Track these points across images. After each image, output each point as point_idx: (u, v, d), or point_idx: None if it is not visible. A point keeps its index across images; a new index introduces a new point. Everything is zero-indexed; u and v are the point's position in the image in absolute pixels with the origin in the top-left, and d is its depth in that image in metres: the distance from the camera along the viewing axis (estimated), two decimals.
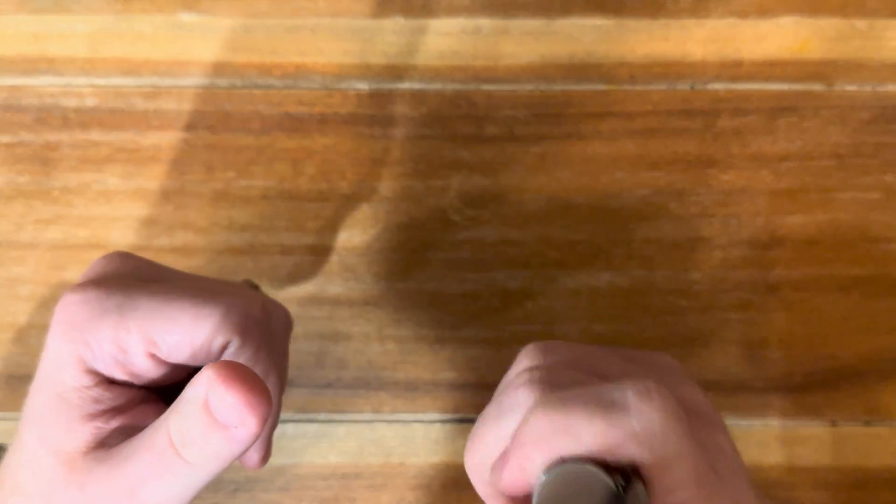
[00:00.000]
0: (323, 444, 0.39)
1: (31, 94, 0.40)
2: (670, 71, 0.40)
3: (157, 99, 0.40)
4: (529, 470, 0.23)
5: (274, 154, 0.40)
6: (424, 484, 0.39)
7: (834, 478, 0.39)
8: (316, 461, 0.39)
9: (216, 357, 0.27)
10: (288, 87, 0.40)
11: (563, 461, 0.22)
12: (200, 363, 0.27)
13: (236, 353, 0.27)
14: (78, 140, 0.40)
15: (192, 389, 0.23)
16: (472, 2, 0.40)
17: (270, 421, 0.30)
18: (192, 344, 0.27)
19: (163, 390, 0.29)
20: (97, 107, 0.40)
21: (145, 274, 0.29)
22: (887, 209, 0.40)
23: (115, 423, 0.27)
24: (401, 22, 0.40)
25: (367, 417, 0.39)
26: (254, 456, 0.31)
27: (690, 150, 0.40)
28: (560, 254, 0.39)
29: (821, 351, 0.39)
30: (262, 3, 0.40)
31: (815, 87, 0.40)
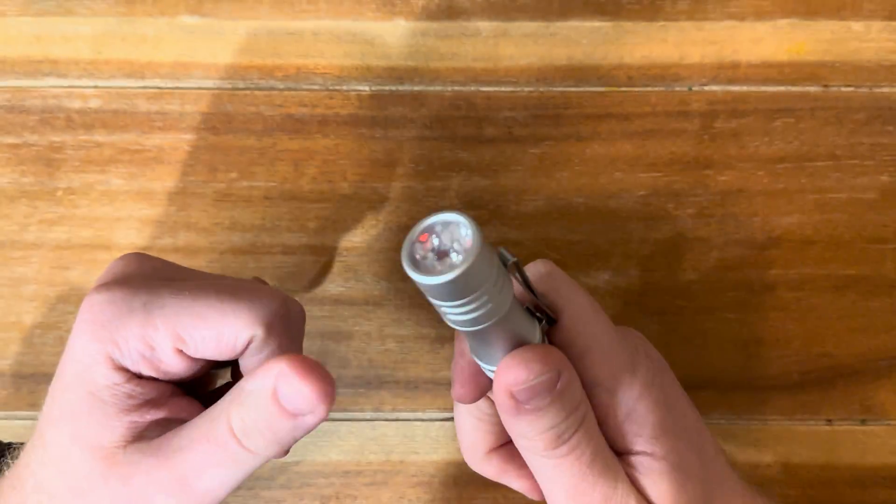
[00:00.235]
0: (324, 441, 0.39)
1: (35, 96, 0.40)
2: (668, 73, 0.40)
3: (161, 100, 0.40)
4: (467, 352, 0.27)
5: (276, 155, 0.40)
6: (425, 481, 0.39)
7: (830, 476, 0.39)
8: (317, 459, 0.39)
9: (241, 352, 0.28)
10: (290, 89, 0.40)
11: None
12: (226, 358, 0.28)
13: (260, 347, 0.28)
14: (82, 141, 0.40)
15: (257, 381, 0.25)
16: (471, 4, 0.41)
17: None
18: (219, 339, 0.27)
19: (185, 385, 0.30)
20: (101, 108, 0.40)
21: (165, 273, 0.29)
22: (883, 209, 0.40)
23: (150, 417, 0.27)
24: (401, 24, 0.40)
25: (367, 416, 0.39)
26: None
27: (688, 151, 0.40)
28: (559, 254, 0.40)
29: (817, 350, 0.39)
30: (264, 5, 0.40)
31: (812, 88, 0.41)
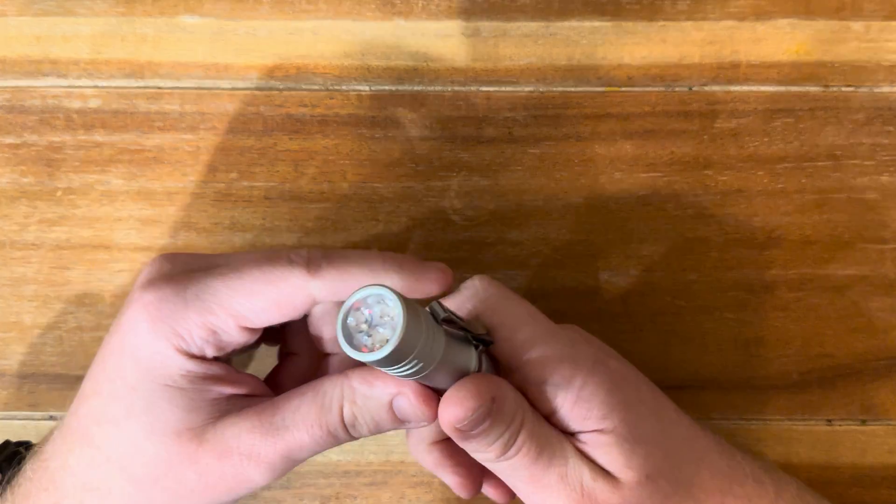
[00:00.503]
0: None
1: (35, 96, 0.40)
2: (668, 73, 0.40)
3: (160, 100, 0.40)
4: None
5: (276, 155, 0.40)
6: (424, 482, 0.39)
7: (830, 476, 0.39)
8: (317, 459, 0.39)
9: (304, 308, 0.30)
10: (289, 89, 0.40)
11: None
12: (291, 318, 0.31)
13: (328, 290, 0.30)
14: (81, 141, 0.40)
15: (375, 390, 0.29)
16: (471, 4, 0.41)
17: None
18: (279, 304, 0.30)
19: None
20: (100, 108, 0.40)
21: (197, 264, 0.31)
22: (883, 210, 0.40)
23: (227, 392, 0.30)
24: (401, 24, 0.40)
25: None
26: None
27: (688, 152, 0.40)
28: (559, 254, 0.40)
29: (817, 350, 0.40)
30: (264, 5, 0.40)
31: (812, 88, 0.41)
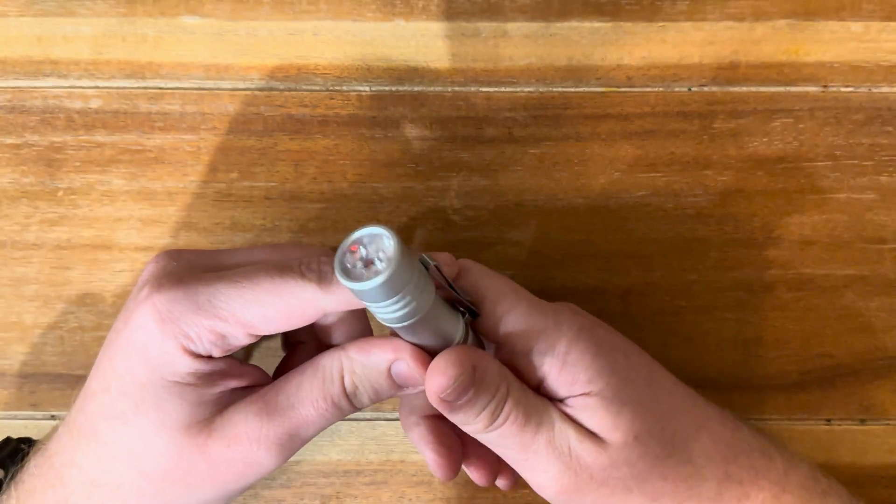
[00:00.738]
0: (324, 441, 0.39)
1: (36, 96, 0.40)
2: (667, 73, 0.40)
3: (161, 101, 0.40)
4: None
5: (276, 155, 0.40)
6: (425, 481, 0.39)
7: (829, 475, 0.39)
8: (317, 458, 0.39)
9: (314, 317, 0.30)
10: (290, 90, 0.40)
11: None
12: (300, 326, 0.31)
13: (331, 303, 0.30)
14: (82, 141, 0.40)
15: (372, 357, 0.30)
16: (471, 5, 0.41)
17: None
18: (289, 315, 0.30)
19: None
20: (101, 109, 0.40)
21: (203, 262, 0.31)
22: (882, 209, 0.40)
23: (232, 385, 0.30)
24: (401, 25, 0.40)
25: (368, 415, 0.39)
26: None
27: (687, 152, 0.40)
28: (558, 254, 0.40)
29: (816, 350, 0.40)
30: (265, 6, 0.41)
31: (811, 88, 0.41)
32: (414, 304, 0.27)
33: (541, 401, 0.31)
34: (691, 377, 0.39)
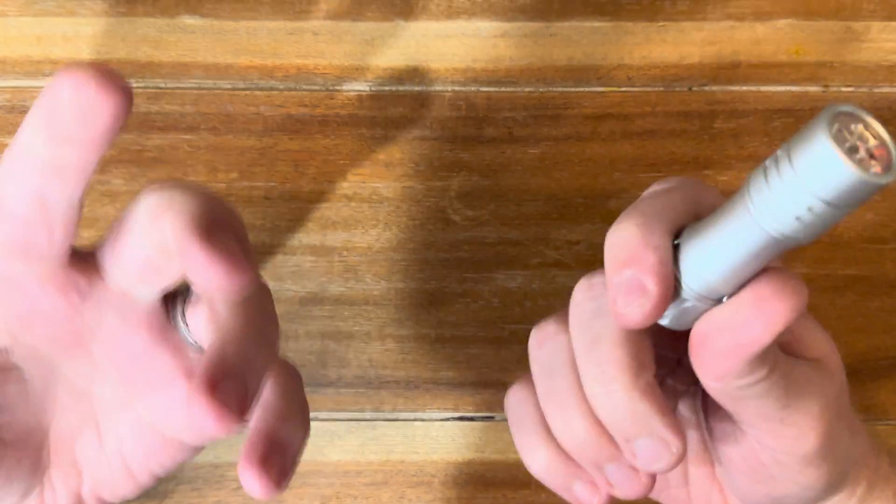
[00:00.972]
0: (324, 441, 0.39)
1: (36, 96, 0.40)
2: (668, 73, 0.40)
3: (161, 101, 0.40)
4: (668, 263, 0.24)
5: (276, 155, 0.40)
6: (425, 481, 0.39)
7: None
8: (317, 459, 0.39)
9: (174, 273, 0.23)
10: (290, 89, 0.40)
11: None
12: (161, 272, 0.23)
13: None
14: None
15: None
16: (471, 4, 0.41)
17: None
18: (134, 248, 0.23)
19: None
20: None
21: None
22: (883, 209, 0.40)
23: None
24: (401, 24, 0.40)
25: (368, 416, 0.39)
26: None
27: (688, 152, 0.40)
28: (559, 254, 0.40)
29: None
30: (265, 6, 0.40)
31: (812, 88, 0.41)
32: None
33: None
34: None
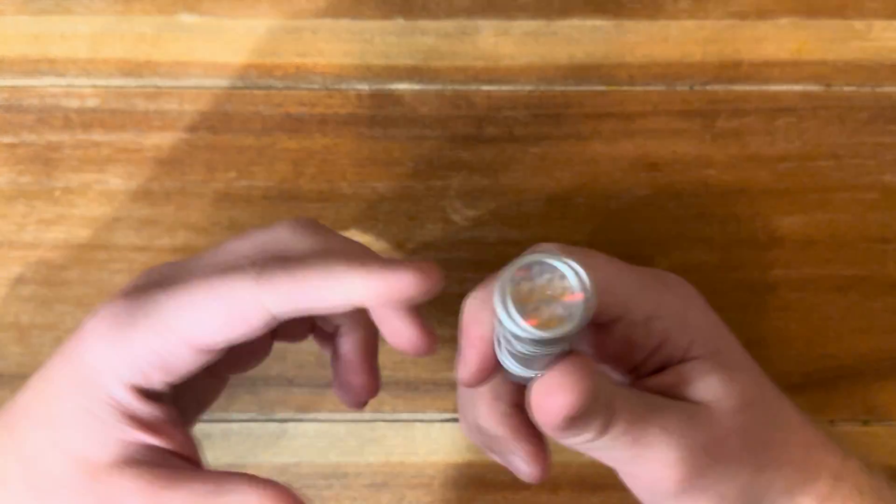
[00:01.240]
0: (324, 443, 0.39)
1: (33, 95, 0.40)
2: (669, 72, 0.40)
3: (159, 100, 0.40)
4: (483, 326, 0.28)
5: (275, 154, 0.40)
6: (424, 483, 0.39)
7: None
8: (317, 460, 0.39)
9: (261, 326, 0.26)
10: (288, 88, 0.40)
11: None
12: (246, 337, 0.26)
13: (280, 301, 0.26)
14: (79, 140, 0.40)
15: None
16: (472, 3, 0.40)
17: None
18: (229, 318, 0.26)
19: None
20: (98, 107, 0.40)
21: (168, 274, 0.28)
22: (885, 209, 0.40)
23: (144, 440, 0.27)
24: (401, 23, 0.40)
25: (367, 417, 0.39)
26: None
27: (689, 151, 0.40)
28: None
29: (819, 351, 0.39)
30: (263, 4, 0.40)
31: (814, 87, 0.40)
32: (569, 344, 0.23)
33: (639, 392, 0.28)
34: None
